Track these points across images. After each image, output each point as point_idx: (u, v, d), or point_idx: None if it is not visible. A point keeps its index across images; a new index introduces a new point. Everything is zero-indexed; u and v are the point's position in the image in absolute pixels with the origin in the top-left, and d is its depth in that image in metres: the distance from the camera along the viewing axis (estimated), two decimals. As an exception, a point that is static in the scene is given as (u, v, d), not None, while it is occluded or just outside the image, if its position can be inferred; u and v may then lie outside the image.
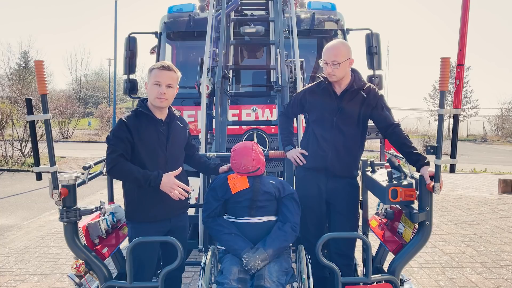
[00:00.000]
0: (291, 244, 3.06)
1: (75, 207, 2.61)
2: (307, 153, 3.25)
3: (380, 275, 2.81)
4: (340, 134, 3.12)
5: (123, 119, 2.73)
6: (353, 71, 3.20)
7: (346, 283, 2.66)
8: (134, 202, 2.79)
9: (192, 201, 4.42)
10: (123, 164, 2.65)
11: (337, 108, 3.12)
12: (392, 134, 3.03)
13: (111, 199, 3.47)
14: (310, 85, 3.41)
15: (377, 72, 5.98)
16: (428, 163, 2.79)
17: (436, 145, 2.59)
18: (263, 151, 3.20)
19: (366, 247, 2.72)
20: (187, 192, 2.76)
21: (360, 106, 3.11)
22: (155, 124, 2.79)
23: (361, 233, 3.23)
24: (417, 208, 2.69)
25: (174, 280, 2.99)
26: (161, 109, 2.82)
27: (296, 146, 3.48)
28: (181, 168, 2.84)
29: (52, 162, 2.48)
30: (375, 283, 2.70)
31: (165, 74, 2.75)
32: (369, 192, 3.32)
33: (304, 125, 3.51)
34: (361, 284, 2.75)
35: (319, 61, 3.15)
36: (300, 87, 4.18)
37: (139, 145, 2.72)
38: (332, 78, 3.09)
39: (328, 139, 3.15)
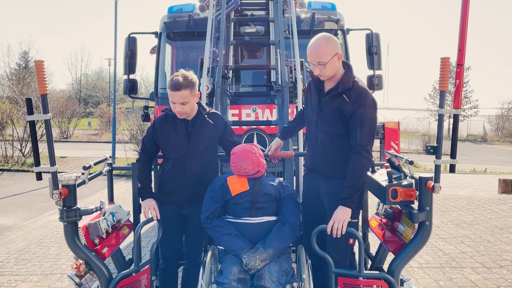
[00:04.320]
0: (291, 244, 3.07)
1: (75, 207, 2.61)
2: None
3: (372, 271, 2.88)
4: (323, 133, 2.95)
5: (154, 120, 3.21)
6: (348, 67, 2.92)
7: (338, 274, 2.74)
8: (158, 187, 3.27)
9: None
10: (142, 166, 3.17)
11: (318, 107, 2.96)
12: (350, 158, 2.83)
13: (111, 199, 3.47)
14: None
15: (377, 72, 5.98)
16: (345, 204, 2.73)
17: (436, 145, 2.59)
18: (263, 151, 3.20)
19: (359, 242, 2.76)
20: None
21: (337, 109, 2.85)
22: (177, 123, 3.09)
23: (353, 229, 3.10)
24: (417, 208, 2.69)
25: (195, 263, 3.20)
26: None
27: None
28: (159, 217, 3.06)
29: (52, 162, 2.48)
30: (366, 279, 2.76)
31: (176, 95, 2.92)
32: (369, 192, 3.32)
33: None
34: (361, 278, 2.77)
35: (306, 62, 2.98)
36: (300, 87, 4.19)
37: (162, 141, 3.13)
38: (323, 78, 2.91)
39: (313, 138, 3.05)
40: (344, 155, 2.86)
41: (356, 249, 3.34)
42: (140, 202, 3.21)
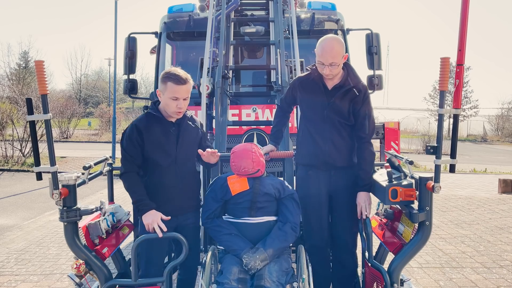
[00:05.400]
0: (291, 244, 3.07)
1: (75, 207, 2.61)
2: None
3: (375, 261, 2.99)
4: (332, 125, 3.08)
5: (135, 123, 2.83)
6: (347, 65, 3.12)
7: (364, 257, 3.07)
8: None
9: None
10: (132, 177, 2.78)
11: (327, 103, 3.07)
12: (358, 148, 3.11)
13: (111, 199, 3.47)
14: (302, 75, 3.35)
15: (377, 72, 5.99)
16: (365, 189, 3.00)
17: (436, 145, 2.60)
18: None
19: (366, 229, 2.95)
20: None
21: (349, 103, 3.06)
22: (165, 126, 2.85)
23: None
24: (417, 208, 2.70)
25: (190, 273, 3.10)
26: None
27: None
28: (169, 217, 2.73)
29: (52, 162, 2.48)
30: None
31: (182, 89, 2.75)
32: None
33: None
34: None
35: (315, 63, 3.05)
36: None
37: (150, 145, 2.80)
38: (330, 77, 3.04)
39: (321, 132, 3.11)
40: (351, 145, 3.14)
41: (358, 248, 3.34)
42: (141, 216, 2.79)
